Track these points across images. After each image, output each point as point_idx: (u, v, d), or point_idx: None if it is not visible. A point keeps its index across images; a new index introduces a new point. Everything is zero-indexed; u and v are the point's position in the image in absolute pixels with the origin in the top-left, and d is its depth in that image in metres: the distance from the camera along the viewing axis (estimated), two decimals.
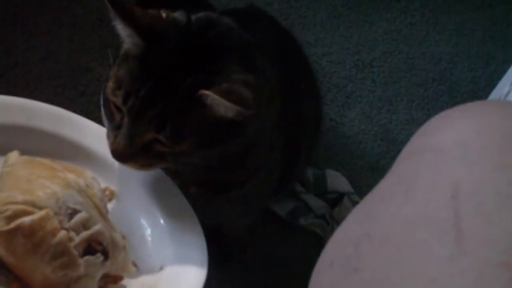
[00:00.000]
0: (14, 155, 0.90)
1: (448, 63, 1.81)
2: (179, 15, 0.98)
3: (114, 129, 0.94)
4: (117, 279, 0.88)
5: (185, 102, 0.91)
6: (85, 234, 0.80)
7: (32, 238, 0.77)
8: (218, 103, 0.89)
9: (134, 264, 0.94)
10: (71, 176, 0.87)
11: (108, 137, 0.96)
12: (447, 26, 1.90)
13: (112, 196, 1.04)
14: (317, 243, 1.41)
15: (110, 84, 0.94)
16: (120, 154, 0.93)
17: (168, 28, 0.95)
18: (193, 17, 0.99)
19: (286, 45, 1.39)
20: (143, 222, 1.04)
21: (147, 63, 0.92)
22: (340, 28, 1.80)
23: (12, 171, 0.85)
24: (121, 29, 0.93)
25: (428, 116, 1.64)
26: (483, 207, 0.51)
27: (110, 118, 0.95)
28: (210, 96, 0.88)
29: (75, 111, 1.13)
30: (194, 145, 0.93)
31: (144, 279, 0.95)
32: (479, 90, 1.78)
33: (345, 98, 1.67)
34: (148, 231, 1.03)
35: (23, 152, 0.92)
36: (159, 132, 0.91)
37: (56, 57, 1.52)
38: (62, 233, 0.79)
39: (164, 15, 0.96)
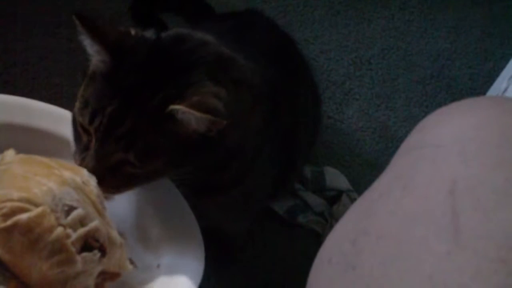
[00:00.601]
0: (10, 153, 0.90)
1: (446, 59, 1.82)
2: (148, 33, 0.97)
3: (81, 151, 0.92)
4: (114, 276, 0.88)
5: (155, 119, 0.89)
6: (82, 230, 0.80)
7: (29, 235, 0.77)
8: (189, 115, 0.87)
9: (131, 262, 0.93)
10: (67, 174, 0.86)
11: (75, 159, 0.94)
12: (445, 23, 1.90)
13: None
14: (316, 241, 1.42)
15: (77, 104, 0.93)
16: None
17: (136, 45, 0.94)
18: (163, 34, 0.98)
19: (284, 48, 1.39)
20: (140, 219, 1.04)
21: (114, 80, 0.91)
22: (338, 26, 1.80)
23: (8, 169, 0.85)
24: (89, 45, 0.92)
25: (426, 113, 1.64)
26: (481, 203, 0.51)
27: (78, 140, 0.94)
28: (180, 109, 0.87)
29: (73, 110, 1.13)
30: (165, 163, 0.92)
31: (141, 276, 0.95)
32: (477, 87, 1.78)
33: (343, 96, 1.67)
34: (145, 229, 1.03)
35: (19, 151, 0.92)
36: (127, 151, 0.89)
37: (54, 56, 1.52)
38: (59, 230, 0.78)
39: (133, 32, 0.95)
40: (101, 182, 0.90)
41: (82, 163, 0.91)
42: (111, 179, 0.92)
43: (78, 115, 0.92)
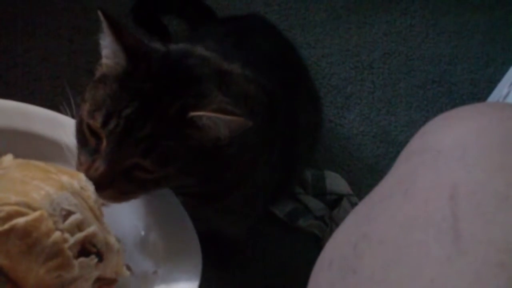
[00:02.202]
0: (7, 158, 0.90)
1: (448, 64, 1.82)
2: (158, 45, 0.98)
3: (88, 155, 0.91)
4: (111, 282, 0.88)
5: (175, 126, 0.90)
6: (79, 235, 0.80)
7: (26, 239, 0.77)
8: (216, 120, 0.88)
9: (128, 268, 0.93)
10: (65, 178, 0.86)
11: (81, 163, 0.92)
12: (447, 27, 1.90)
13: None
14: (316, 245, 1.42)
15: (87, 107, 0.92)
16: (97, 181, 0.89)
17: (150, 53, 0.94)
18: (171, 47, 0.99)
19: (285, 53, 1.39)
20: (137, 225, 1.03)
21: (129, 84, 0.91)
22: (340, 30, 1.80)
23: (6, 173, 0.85)
24: (108, 43, 0.93)
25: (427, 118, 1.64)
26: (481, 208, 0.51)
27: (83, 143, 0.93)
28: (205, 115, 0.88)
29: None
30: (177, 170, 0.92)
31: (138, 283, 0.94)
32: (478, 92, 1.78)
33: (344, 100, 1.67)
34: (142, 235, 1.02)
35: (18, 156, 0.92)
36: (145, 156, 0.89)
37: (55, 58, 1.52)
38: (56, 234, 0.78)
39: (145, 41, 0.96)
40: (109, 187, 0.90)
41: (91, 167, 0.90)
42: (121, 183, 0.91)
43: (88, 117, 0.91)
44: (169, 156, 0.90)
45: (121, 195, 0.94)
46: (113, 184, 0.90)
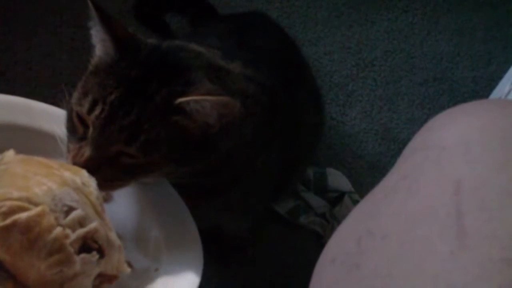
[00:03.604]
0: (9, 154, 0.90)
1: (449, 62, 1.81)
2: (152, 40, 0.99)
3: (76, 142, 0.92)
4: (112, 278, 0.87)
5: (161, 113, 0.90)
6: (81, 231, 0.80)
7: (28, 234, 0.77)
8: (204, 103, 0.88)
9: (129, 264, 0.93)
10: (67, 174, 0.86)
11: (69, 150, 0.93)
12: (448, 25, 1.90)
13: (108, 196, 1.03)
14: (317, 242, 1.42)
15: (76, 94, 0.93)
16: (83, 167, 0.89)
17: (141, 44, 0.95)
18: (164, 42, 1.00)
19: (286, 51, 1.39)
20: (139, 222, 1.03)
21: (116, 72, 0.92)
22: (342, 27, 1.80)
23: (8, 168, 0.85)
24: (96, 32, 0.94)
25: (428, 115, 1.64)
26: (485, 204, 0.51)
27: (72, 131, 0.94)
28: (192, 100, 0.88)
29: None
30: (163, 157, 0.92)
31: (139, 279, 0.94)
32: (480, 90, 1.78)
33: (346, 97, 1.67)
34: (144, 232, 1.02)
35: (20, 151, 0.92)
36: (130, 143, 0.89)
37: (57, 55, 1.52)
38: (58, 230, 0.78)
39: (136, 35, 0.97)
40: (96, 173, 0.89)
41: (78, 153, 0.91)
42: (108, 170, 0.91)
43: (76, 105, 0.92)
44: (155, 143, 0.90)
45: (109, 182, 0.94)
46: (100, 170, 0.90)
